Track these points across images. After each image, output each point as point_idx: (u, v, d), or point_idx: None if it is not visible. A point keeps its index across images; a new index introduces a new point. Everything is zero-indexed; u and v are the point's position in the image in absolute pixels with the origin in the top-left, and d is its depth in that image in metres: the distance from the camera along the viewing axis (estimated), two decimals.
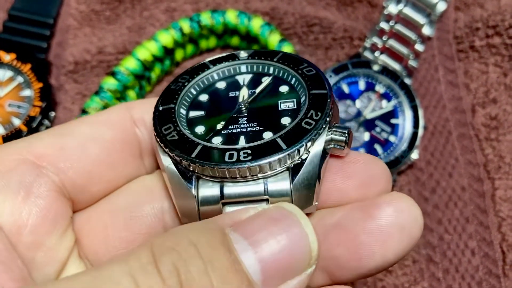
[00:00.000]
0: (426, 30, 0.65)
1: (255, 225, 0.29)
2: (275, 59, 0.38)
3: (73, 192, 0.35)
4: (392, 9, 0.65)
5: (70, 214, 0.35)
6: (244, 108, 0.37)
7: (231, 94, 0.38)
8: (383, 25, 0.65)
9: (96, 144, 0.36)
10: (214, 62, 0.39)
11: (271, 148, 0.32)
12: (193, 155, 0.32)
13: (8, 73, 0.63)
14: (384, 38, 0.64)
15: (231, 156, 0.32)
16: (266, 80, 0.38)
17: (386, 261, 0.31)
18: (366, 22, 0.68)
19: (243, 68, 0.39)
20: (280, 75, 0.38)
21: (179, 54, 0.65)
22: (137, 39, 0.66)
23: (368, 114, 0.62)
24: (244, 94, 0.38)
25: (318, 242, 0.30)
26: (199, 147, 0.33)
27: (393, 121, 0.62)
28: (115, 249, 0.35)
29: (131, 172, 0.38)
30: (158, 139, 0.34)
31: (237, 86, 0.39)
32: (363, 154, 0.35)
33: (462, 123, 0.63)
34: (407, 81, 0.62)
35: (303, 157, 0.32)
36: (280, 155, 0.31)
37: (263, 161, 0.31)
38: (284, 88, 0.38)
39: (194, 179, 0.33)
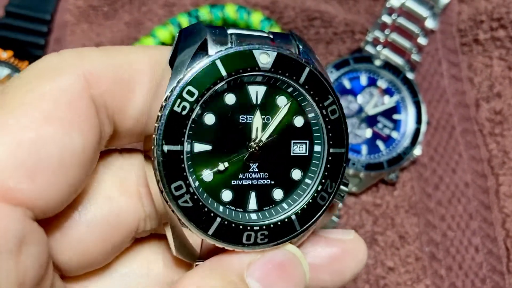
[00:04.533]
0: (429, 23, 0.64)
1: (267, 270, 0.32)
2: (300, 81, 0.32)
3: (43, 215, 0.29)
4: (395, 2, 0.64)
5: (47, 242, 0.30)
6: (258, 152, 0.33)
7: (242, 119, 0.33)
8: (385, 18, 0.64)
9: (72, 164, 0.28)
10: (228, 67, 0.31)
11: (287, 230, 0.33)
12: (211, 232, 0.31)
13: (5, 71, 0.62)
14: (386, 31, 0.63)
15: (248, 238, 0.32)
16: (284, 108, 0.33)
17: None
18: (367, 16, 0.67)
19: (259, 78, 0.33)
20: (299, 99, 0.34)
21: None
22: (135, 35, 0.65)
23: (370, 110, 0.61)
24: (257, 125, 0.33)
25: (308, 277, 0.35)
26: (216, 223, 0.31)
27: (395, 116, 0.61)
28: (92, 263, 0.33)
29: (94, 166, 0.32)
30: (168, 202, 0.30)
31: (249, 106, 0.33)
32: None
33: (466, 118, 0.62)
34: (410, 75, 0.61)
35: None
36: (293, 237, 0.33)
37: (278, 244, 0.33)
38: (298, 121, 0.34)
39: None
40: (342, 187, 0.34)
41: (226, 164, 0.32)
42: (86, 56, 0.30)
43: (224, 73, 0.31)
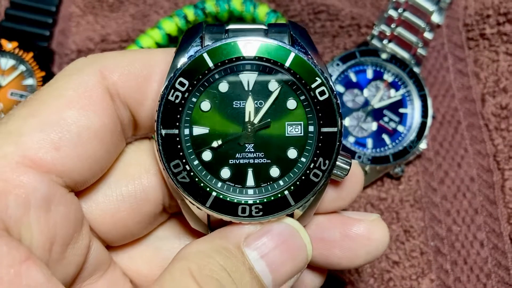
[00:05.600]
0: (436, 18, 0.64)
1: (266, 241, 0.36)
2: (286, 65, 0.35)
3: (75, 185, 0.36)
4: None
5: (81, 208, 0.37)
6: (251, 133, 0.36)
7: (236, 104, 0.36)
8: (392, 12, 0.63)
9: (89, 139, 0.35)
10: (214, 58, 0.35)
11: (281, 204, 0.36)
12: (208, 204, 0.36)
13: (11, 62, 0.62)
14: (393, 25, 0.63)
15: (243, 211, 0.36)
16: (274, 92, 0.36)
17: (350, 267, 0.41)
18: (374, 10, 0.66)
19: (248, 66, 0.36)
20: (289, 84, 0.36)
21: None
22: (141, 27, 0.65)
23: (376, 104, 0.60)
24: (250, 109, 0.36)
25: (312, 249, 0.37)
26: (212, 197, 0.36)
27: (401, 110, 0.60)
28: (124, 231, 0.39)
29: (119, 149, 0.39)
30: (170, 176, 0.36)
31: (241, 93, 0.36)
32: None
33: (472, 113, 0.62)
34: (416, 69, 0.61)
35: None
36: (288, 211, 0.36)
37: (273, 217, 0.36)
38: (292, 104, 0.36)
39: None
40: (343, 165, 0.37)
41: (220, 142, 0.36)
42: (104, 56, 0.37)
43: (211, 64, 0.35)
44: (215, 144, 0.36)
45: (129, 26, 0.65)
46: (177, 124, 0.35)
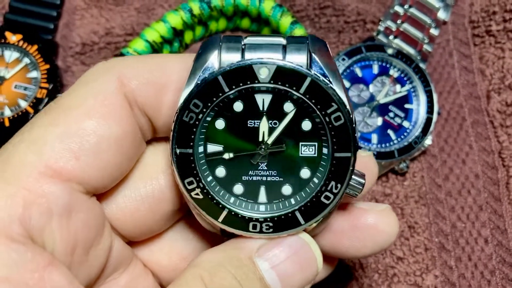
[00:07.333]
0: (442, 14, 0.63)
1: (277, 252, 0.36)
2: (301, 91, 0.35)
3: (95, 191, 0.36)
4: None
5: (102, 211, 0.38)
6: (264, 153, 0.36)
7: (250, 123, 0.36)
8: (398, 8, 0.63)
9: (109, 147, 0.35)
10: (229, 81, 0.35)
11: (291, 223, 0.36)
12: (220, 219, 0.37)
13: (15, 54, 0.62)
14: (399, 22, 0.63)
15: (254, 227, 0.36)
16: (289, 114, 0.36)
17: (357, 257, 0.43)
18: (379, 5, 0.66)
19: (263, 88, 0.35)
20: (305, 106, 0.35)
21: (188, 36, 0.63)
22: (146, 20, 0.64)
23: (382, 99, 0.60)
24: (264, 129, 0.36)
25: (322, 261, 0.38)
26: (224, 212, 0.36)
27: (407, 106, 0.60)
28: (144, 229, 0.40)
29: (139, 153, 0.39)
30: (184, 192, 0.37)
31: (256, 112, 0.36)
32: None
33: (477, 109, 0.62)
34: (422, 65, 0.61)
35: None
36: (298, 229, 0.37)
37: (282, 234, 0.37)
38: (306, 125, 0.36)
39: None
40: (356, 185, 0.36)
41: (232, 155, 0.36)
42: (122, 62, 0.37)
43: (226, 88, 0.35)
44: (226, 156, 0.36)
45: (133, 19, 0.65)
46: (191, 144, 0.36)
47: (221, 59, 0.35)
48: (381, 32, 0.62)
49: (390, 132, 0.60)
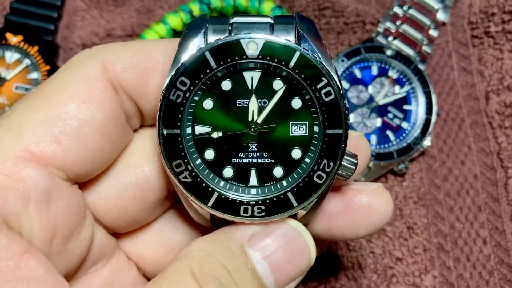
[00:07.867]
0: (441, 15, 0.64)
1: (269, 242, 0.35)
2: (290, 66, 0.34)
3: (77, 178, 0.36)
4: None
5: (83, 200, 0.37)
6: (254, 133, 0.35)
7: (239, 103, 0.35)
8: (397, 9, 0.63)
9: (91, 132, 0.34)
10: (217, 57, 0.34)
11: (284, 205, 0.35)
12: (210, 203, 0.35)
13: (15, 55, 0.62)
14: (398, 23, 0.63)
15: (246, 211, 0.35)
16: (278, 91, 0.35)
17: (353, 239, 0.42)
18: (379, 7, 0.66)
19: (252, 64, 0.35)
20: (294, 82, 0.35)
21: None
22: (146, 21, 0.65)
23: (381, 100, 0.61)
24: (253, 108, 0.35)
25: (315, 252, 0.37)
26: (214, 196, 0.35)
27: (406, 107, 0.60)
28: (129, 219, 0.39)
29: (125, 141, 0.38)
30: (172, 175, 0.35)
31: (245, 91, 0.35)
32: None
33: (476, 111, 0.62)
34: (421, 66, 0.61)
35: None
36: (291, 212, 0.36)
37: (275, 218, 0.36)
38: (296, 103, 0.35)
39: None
40: (348, 165, 0.36)
41: (220, 134, 0.35)
42: (106, 48, 0.37)
43: (213, 64, 0.34)
44: (215, 135, 0.35)
45: (134, 20, 0.65)
46: (179, 123, 0.34)
47: (208, 40, 0.34)
48: (380, 33, 0.63)
49: (389, 133, 0.60)
